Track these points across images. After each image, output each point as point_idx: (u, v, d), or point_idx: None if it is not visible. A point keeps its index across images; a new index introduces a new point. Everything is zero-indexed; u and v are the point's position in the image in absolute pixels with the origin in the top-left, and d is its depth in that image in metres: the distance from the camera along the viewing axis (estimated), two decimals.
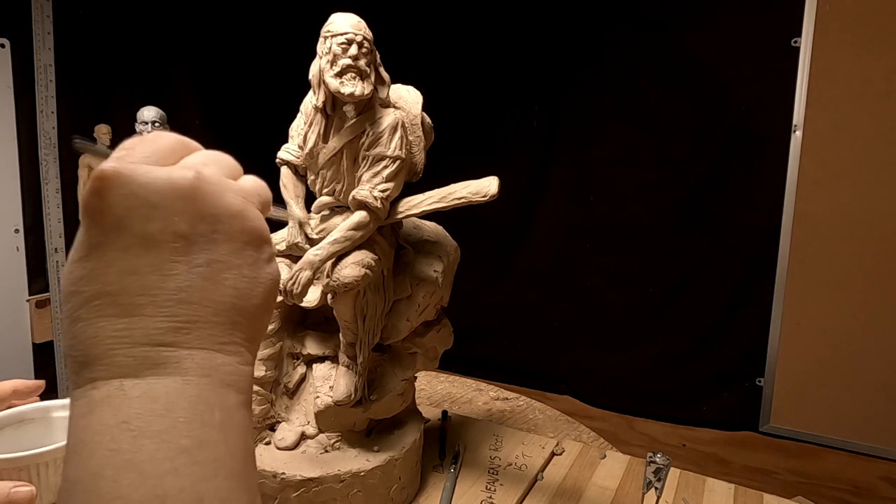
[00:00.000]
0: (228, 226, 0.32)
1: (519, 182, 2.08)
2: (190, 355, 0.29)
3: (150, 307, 0.29)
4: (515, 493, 1.01)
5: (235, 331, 0.32)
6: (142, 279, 0.29)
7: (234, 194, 0.33)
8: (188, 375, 0.29)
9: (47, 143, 2.27)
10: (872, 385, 1.65)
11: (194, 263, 0.30)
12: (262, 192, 0.36)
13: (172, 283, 0.30)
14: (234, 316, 0.32)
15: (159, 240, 0.30)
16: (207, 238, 0.31)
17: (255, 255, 0.33)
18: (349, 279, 0.82)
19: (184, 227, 0.30)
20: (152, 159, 0.32)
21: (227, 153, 0.37)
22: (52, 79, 2.25)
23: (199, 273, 0.30)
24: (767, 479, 1.79)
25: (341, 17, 0.85)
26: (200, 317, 0.30)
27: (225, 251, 0.32)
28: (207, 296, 0.31)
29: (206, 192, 0.31)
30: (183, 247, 0.30)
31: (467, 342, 1.29)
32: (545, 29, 2.02)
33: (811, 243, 1.69)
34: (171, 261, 0.30)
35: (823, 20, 1.61)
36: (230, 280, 0.32)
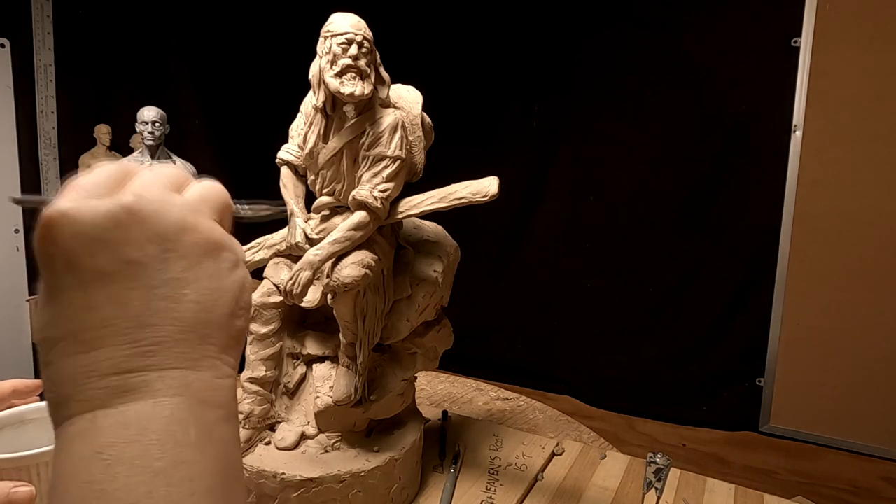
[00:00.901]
0: (178, 242, 0.31)
1: (519, 182, 2.08)
2: (160, 377, 0.29)
3: (112, 337, 0.29)
4: (516, 494, 1.01)
5: (205, 344, 0.31)
6: (100, 312, 0.29)
7: (178, 209, 0.32)
8: (159, 397, 0.29)
9: (47, 143, 2.27)
10: (872, 385, 1.65)
11: (151, 286, 0.30)
12: (212, 198, 0.36)
13: (130, 309, 0.30)
14: (201, 330, 0.31)
15: (111, 271, 0.30)
16: (159, 259, 0.31)
17: (214, 265, 0.33)
18: (349, 279, 0.82)
19: (133, 254, 0.30)
20: (95, 194, 0.31)
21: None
22: (52, 79, 2.25)
23: (158, 295, 0.30)
24: (767, 479, 1.79)
25: (341, 17, 0.85)
26: (164, 337, 0.30)
27: (180, 268, 0.31)
28: (169, 315, 0.30)
29: (146, 214, 0.31)
30: (136, 272, 0.30)
31: (467, 342, 1.29)
32: (545, 29, 2.02)
33: (811, 243, 1.69)
34: (127, 288, 0.30)
35: (823, 20, 1.61)
36: (190, 295, 0.31)
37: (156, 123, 1.91)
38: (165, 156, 1.97)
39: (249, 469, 0.87)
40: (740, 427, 1.85)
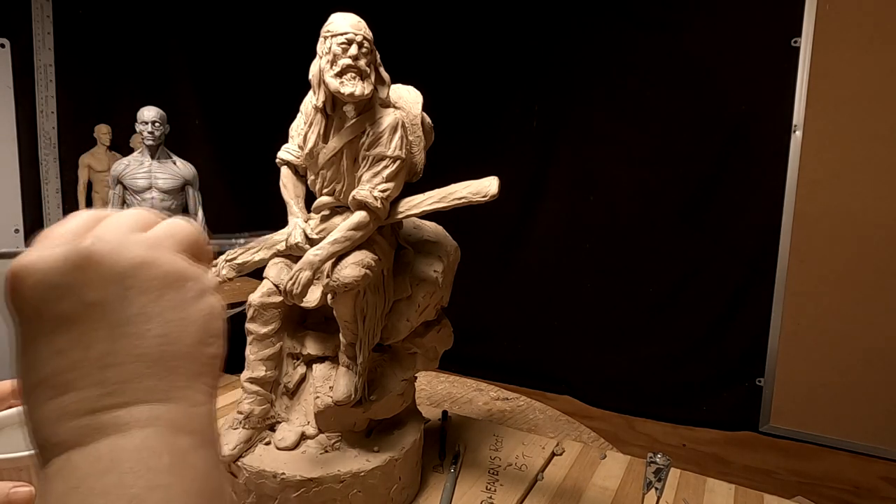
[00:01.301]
0: (137, 278, 0.32)
1: (519, 182, 2.08)
2: (129, 412, 0.30)
3: (81, 380, 0.30)
4: (516, 494, 1.00)
5: (174, 376, 0.32)
6: (67, 356, 0.30)
7: (135, 246, 0.33)
8: (130, 430, 0.30)
9: (47, 143, 2.27)
10: (872, 385, 1.65)
11: (113, 325, 0.31)
12: (177, 233, 0.36)
13: (95, 351, 0.30)
14: (168, 362, 0.32)
15: (74, 315, 0.30)
16: (120, 297, 0.31)
17: (178, 296, 0.33)
18: (349, 279, 0.82)
19: (93, 296, 0.31)
20: (59, 242, 0.32)
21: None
22: (52, 79, 2.25)
23: (121, 333, 0.31)
24: (767, 479, 1.79)
25: (341, 17, 0.85)
26: (131, 374, 0.31)
27: (141, 304, 0.32)
28: (133, 353, 0.31)
29: (103, 255, 0.31)
30: (98, 314, 0.31)
31: (467, 342, 1.29)
32: (545, 29, 2.02)
33: (811, 243, 1.69)
34: (91, 330, 0.30)
35: (823, 20, 1.61)
36: (154, 329, 0.32)
37: (156, 123, 1.91)
38: (165, 156, 1.97)
39: (249, 469, 0.87)
40: (740, 427, 1.84)
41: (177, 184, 1.96)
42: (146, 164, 1.94)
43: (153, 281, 0.32)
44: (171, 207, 1.92)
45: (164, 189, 1.94)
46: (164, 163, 1.97)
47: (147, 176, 1.94)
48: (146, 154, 1.96)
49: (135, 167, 1.94)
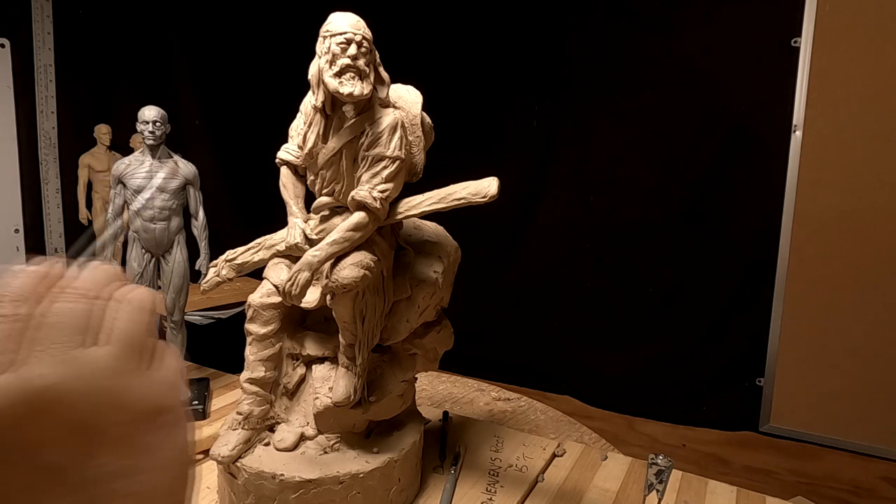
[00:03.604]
0: (105, 428, 0.26)
1: (519, 182, 2.08)
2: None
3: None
4: (516, 495, 1.00)
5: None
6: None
7: (100, 377, 0.26)
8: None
9: (47, 143, 2.27)
10: (872, 385, 1.64)
11: (73, 492, 0.25)
12: (136, 330, 0.28)
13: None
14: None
15: (18, 482, 0.24)
16: (83, 454, 0.25)
17: (148, 439, 0.27)
18: (348, 280, 0.82)
19: (48, 457, 0.24)
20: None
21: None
22: (52, 79, 2.25)
23: (82, 500, 0.25)
24: (767, 479, 1.79)
25: (340, 17, 0.85)
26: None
27: (108, 459, 0.25)
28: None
29: (64, 403, 0.24)
30: (52, 480, 0.24)
31: (467, 342, 1.29)
32: (545, 29, 2.01)
33: (811, 243, 1.69)
34: (47, 499, 0.24)
35: (823, 20, 1.61)
36: (125, 487, 0.26)
37: (157, 123, 1.91)
38: (166, 155, 1.97)
39: (248, 470, 0.87)
40: (740, 427, 1.84)
41: (178, 183, 1.96)
42: (147, 164, 1.94)
43: (125, 428, 0.26)
44: (171, 207, 1.92)
45: (165, 189, 1.93)
46: (165, 163, 1.96)
47: (148, 176, 1.93)
48: (147, 154, 1.96)
49: (136, 167, 1.94)
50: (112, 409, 0.26)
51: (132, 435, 0.26)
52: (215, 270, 0.96)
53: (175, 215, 1.88)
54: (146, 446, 0.27)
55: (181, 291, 1.55)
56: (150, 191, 1.64)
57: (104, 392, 0.26)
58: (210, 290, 0.96)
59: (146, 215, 1.83)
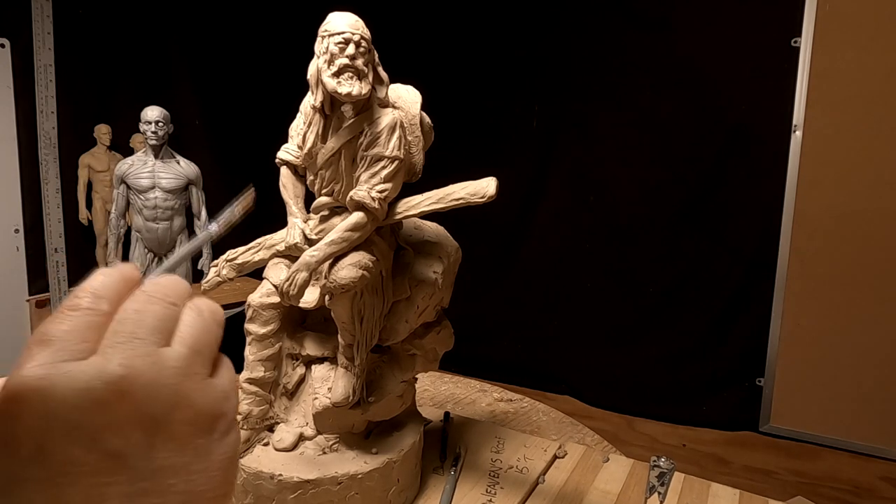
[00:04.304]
0: (168, 424, 0.27)
1: (519, 182, 2.08)
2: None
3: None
4: (516, 497, 1.00)
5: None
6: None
7: (171, 377, 0.27)
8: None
9: (47, 143, 2.27)
10: (872, 385, 1.64)
11: (132, 480, 0.26)
12: (207, 340, 0.30)
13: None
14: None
15: (87, 463, 0.25)
16: (144, 446, 0.26)
17: (206, 442, 0.28)
18: (346, 280, 0.82)
19: (114, 443, 0.25)
20: (72, 352, 0.26)
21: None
22: (52, 79, 2.25)
23: (139, 490, 0.26)
24: (767, 479, 1.79)
25: (339, 17, 0.84)
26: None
27: (167, 454, 0.27)
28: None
29: (135, 392, 0.26)
30: (116, 465, 0.25)
31: (467, 342, 1.29)
32: (545, 29, 2.01)
33: (811, 243, 1.69)
34: (105, 484, 0.25)
35: (823, 20, 1.61)
36: (178, 485, 0.27)
37: (159, 123, 1.91)
38: (169, 155, 1.97)
39: (247, 470, 0.87)
40: (740, 427, 1.84)
41: (180, 183, 1.96)
42: (150, 164, 1.95)
43: (185, 426, 0.27)
44: (174, 207, 1.92)
45: (168, 189, 1.94)
46: (167, 162, 1.97)
47: (151, 175, 1.94)
48: (150, 154, 1.96)
49: (138, 167, 1.95)
50: (177, 407, 0.27)
51: (191, 435, 0.28)
52: (216, 270, 0.96)
53: (178, 215, 1.88)
54: (202, 448, 0.28)
55: None
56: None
57: (172, 390, 0.27)
58: (210, 289, 0.96)
59: (148, 215, 1.83)
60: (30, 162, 2.23)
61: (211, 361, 0.30)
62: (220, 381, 0.30)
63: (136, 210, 1.87)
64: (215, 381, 0.30)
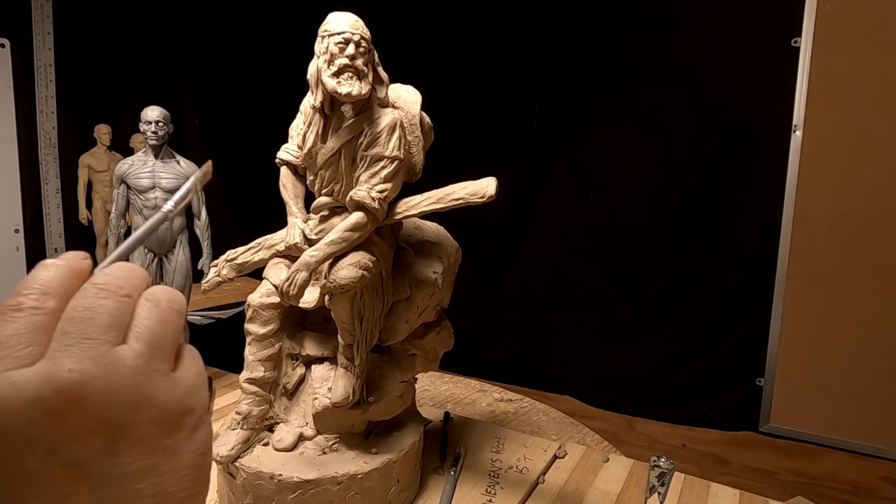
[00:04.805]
0: (130, 427, 0.25)
1: (519, 182, 2.07)
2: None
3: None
4: (516, 497, 1.00)
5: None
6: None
7: (128, 377, 0.25)
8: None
9: (47, 143, 2.27)
10: (872, 385, 1.64)
11: (95, 488, 0.24)
12: (165, 330, 0.28)
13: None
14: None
15: (44, 476, 0.23)
16: (106, 453, 0.25)
17: (174, 441, 0.27)
18: (345, 280, 0.82)
19: (73, 453, 0.24)
20: (17, 358, 0.24)
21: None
22: (52, 79, 2.25)
23: (104, 498, 0.24)
24: (767, 479, 1.78)
25: (338, 17, 0.85)
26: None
27: (132, 458, 0.25)
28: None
29: (89, 398, 0.24)
30: (76, 476, 0.24)
31: (467, 342, 1.29)
32: (545, 29, 2.01)
33: (811, 243, 1.69)
34: (67, 496, 0.24)
35: (823, 20, 1.61)
36: (146, 489, 0.25)
37: (159, 123, 1.91)
38: (169, 155, 1.97)
39: (247, 470, 0.87)
40: (740, 427, 1.84)
41: (181, 183, 1.96)
42: (150, 164, 1.95)
43: (149, 427, 0.26)
44: None
45: (168, 189, 1.93)
46: (167, 162, 1.97)
47: (151, 176, 1.94)
48: (150, 154, 1.97)
49: (139, 167, 1.94)
50: (138, 409, 0.26)
51: (156, 435, 0.26)
52: (216, 270, 0.96)
53: (178, 215, 1.88)
54: (170, 448, 0.27)
55: (184, 291, 1.55)
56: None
57: (131, 391, 0.25)
58: (211, 289, 0.96)
59: (149, 215, 1.82)
60: (30, 162, 2.23)
61: (172, 355, 0.28)
62: (185, 374, 0.28)
63: (137, 210, 1.87)
64: (178, 375, 0.28)
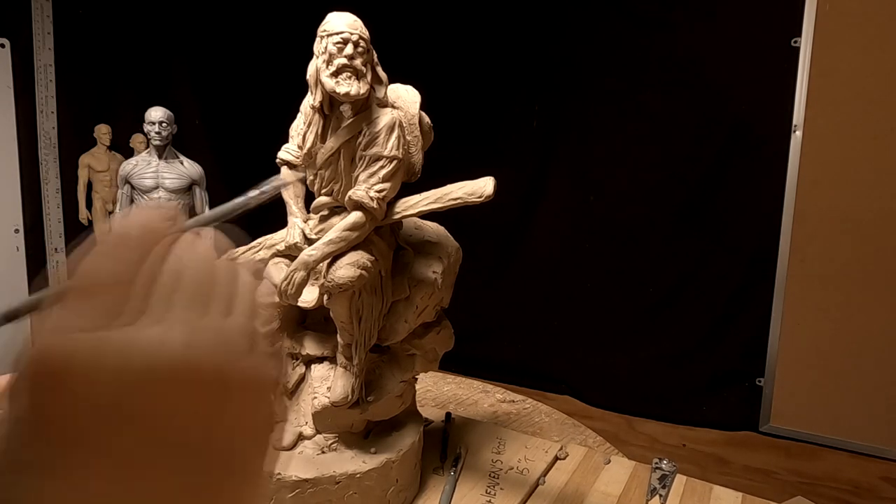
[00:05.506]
0: (228, 404, 0.23)
1: (519, 182, 2.07)
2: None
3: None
4: (516, 498, 1.00)
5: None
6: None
7: (237, 353, 0.23)
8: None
9: (47, 143, 2.27)
10: (872, 385, 1.64)
11: (195, 469, 0.22)
12: (261, 292, 0.26)
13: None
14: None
15: (146, 454, 0.21)
16: (203, 437, 0.22)
17: (263, 416, 0.25)
18: (343, 280, 0.82)
19: (175, 431, 0.21)
20: (116, 307, 0.21)
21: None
22: (52, 79, 2.25)
23: (192, 484, 0.22)
24: (767, 479, 1.78)
25: (337, 17, 0.85)
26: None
27: (229, 438, 0.23)
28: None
29: (200, 375, 0.22)
30: (179, 452, 0.21)
31: (466, 342, 1.29)
32: (545, 29, 2.01)
33: (811, 243, 1.69)
34: (166, 476, 0.21)
35: (823, 20, 1.61)
36: (236, 466, 0.24)
37: (163, 123, 1.92)
38: (173, 156, 1.97)
39: None
40: (740, 427, 1.84)
41: (184, 184, 1.97)
42: (154, 164, 1.95)
43: (246, 409, 0.24)
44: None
45: (171, 189, 1.94)
46: (171, 163, 1.97)
47: (154, 176, 1.94)
48: (154, 154, 1.97)
49: (142, 167, 1.95)
50: (240, 388, 0.23)
51: (251, 414, 0.24)
52: None
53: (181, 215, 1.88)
54: (262, 424, 0.24)
55: None
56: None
57: (237, 369, 0.23)
58: None
59: None
60: (30, 162, 2.23)
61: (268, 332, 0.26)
62: (274, 347, 0.26)
63: None
64: (270, 348, 0.26)
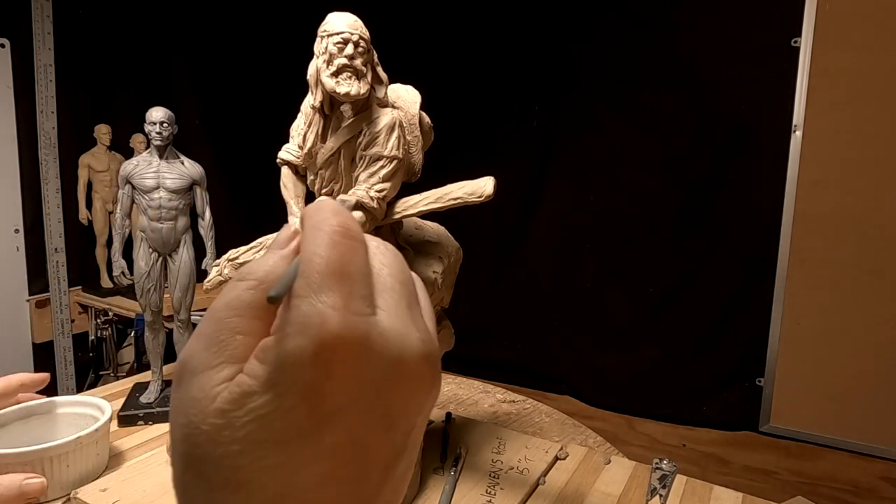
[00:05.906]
0: (430, 401, 0.24)
1: (519, 182, 2.08)
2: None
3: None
4: (516, 498, 1.00)
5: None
6: (340, 494, 0.21)
7: (437, 367, 0.24)
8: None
9: (47, 143, 2.27)
10: (872, 385, 1.64)
11: (402, 462, 0.23)
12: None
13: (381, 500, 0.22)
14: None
15: (368, 442, 0.21)
16: (407, 442, 0.23)
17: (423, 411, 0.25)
18: None
19: (396, 430, 0.22)
20: (365, 297, 0.22)
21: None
22: (52, 79, 2.25)
23: (402, 474, 0.23)
24: (767, 479, 1.79)
25: (337, 17, 0.85)
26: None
27: (401, 433, 0.23)
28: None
29: (430, 376, 0.23)
30: (399, 451, 0.22)
31: (466, 342, 1.29)
32: (545, 29, 2.01)
33: (811, 243, 1.69)
34: (390, 468, 0.22)
35: (823, 20, 1.61)
36: (401, 466, 0.23)
37: (164, 124, 1.91)
38: (173, 156, 1.97)
39: None
40: (740, 427, 1.84)
41: (185, 184, 1.97)
42: (154, 165, 1.95)
43: (413, 399, 0.23)
44: (178, 207, 1.93)
45: (172, 189, 1.94)
46: (172, 163, 1.97)
47: (155, 176, 1.94)
48: (154, 154, 1.97)
49: (143, 167, 1.95)
50: (436, 382, 0.24)
51: (417, 408, 0.24)
52: (217, 270, 0.96)
53: (182, 215, 1.88)
54: (428, 412, 0.24)
55: (188, 290, 1.56)
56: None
57: (439, 362, 0.24)
58: (213, 289, 0.96)
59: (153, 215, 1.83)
60: (30, 162, 2.23)
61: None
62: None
63: (141, 210, 1.88)
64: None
